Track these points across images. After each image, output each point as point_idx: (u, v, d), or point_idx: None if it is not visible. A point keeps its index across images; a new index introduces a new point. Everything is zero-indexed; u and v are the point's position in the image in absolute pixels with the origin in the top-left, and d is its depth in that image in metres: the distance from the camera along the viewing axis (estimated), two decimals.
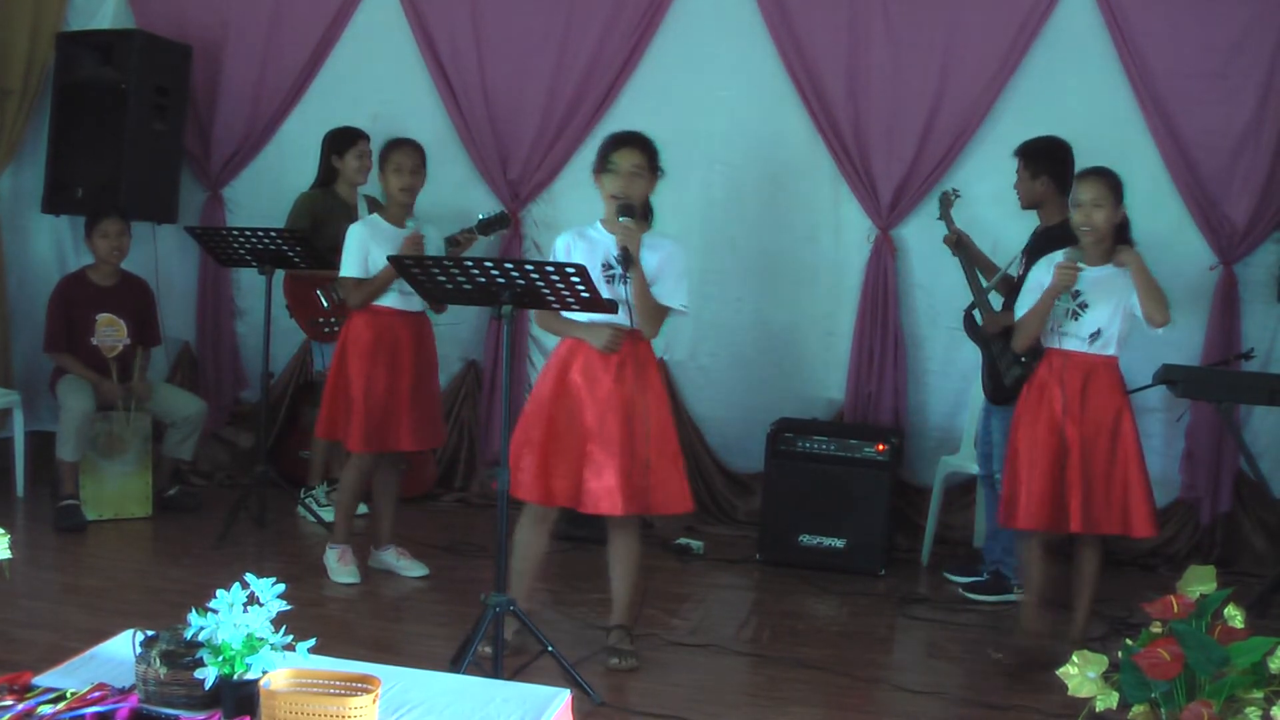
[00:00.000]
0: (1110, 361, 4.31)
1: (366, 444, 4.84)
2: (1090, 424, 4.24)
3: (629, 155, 4.01)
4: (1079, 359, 4.29)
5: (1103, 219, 4.23)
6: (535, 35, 6.20)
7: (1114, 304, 4.25)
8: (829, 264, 6.06)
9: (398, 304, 4.84)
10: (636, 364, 4.06)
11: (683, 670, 4.20)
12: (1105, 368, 4.29)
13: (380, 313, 4.85)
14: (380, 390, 4.82)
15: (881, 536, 5.45)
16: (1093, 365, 4.28)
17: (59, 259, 6.62)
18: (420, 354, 4.94)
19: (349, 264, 4.82)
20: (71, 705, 2.41)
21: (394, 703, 2.51)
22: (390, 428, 4.85)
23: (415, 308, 4.88)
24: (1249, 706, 2.76)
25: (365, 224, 4.93)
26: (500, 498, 3.76)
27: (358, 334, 4.87)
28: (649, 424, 4.03)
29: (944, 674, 4.33)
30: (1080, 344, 4.28)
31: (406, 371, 4.86)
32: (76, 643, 3.00)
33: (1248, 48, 5.53)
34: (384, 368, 4.83)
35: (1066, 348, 4.30)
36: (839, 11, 5.88)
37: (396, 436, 4.88)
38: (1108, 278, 4.26)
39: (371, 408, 4.81)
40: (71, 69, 6.24)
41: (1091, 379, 4.27)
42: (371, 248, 4.78)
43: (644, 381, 4.06)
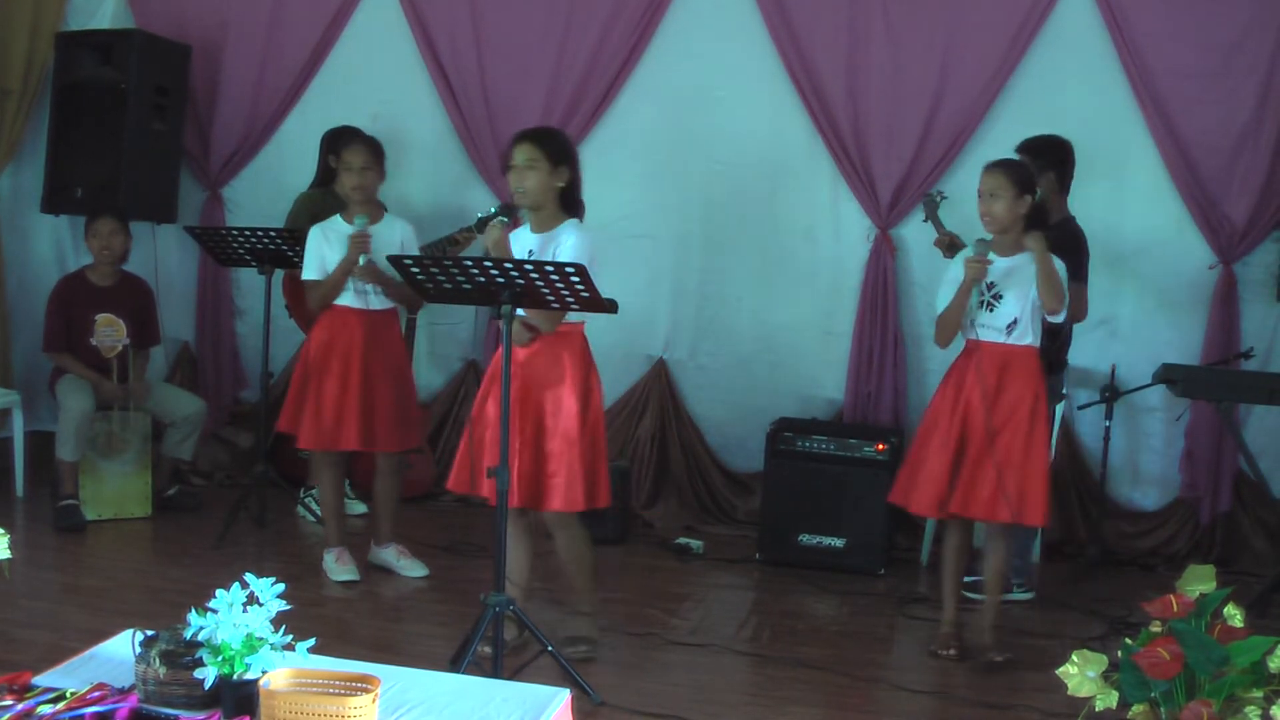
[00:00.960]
0: (1027, 351, 4.29)
1: (313, 442, 4.90)
2: (1003, 413, 4.24)
3: (522, 150, 4.04)
4: (995, 349, 4.29)
5: (1001, 209, 4.23)
6: (535, 35, 6.20)
7: (1026, 293, 4.25)
8: (828, 264, 6.06)
9: (353, 303, 4.87)
10: (551, 357, 4.03)
11: (683, 670, 4.20)
12: (1022, 357, 4.29)
13: (335, 312, 4.88)
14: (331, 389, 4.83)
15: (881, 536, 5.45)
16: (1009, 355, 4.28)
17: (59, 259, 6.62)
18: (377, 354, 4.90)
19: (307, 267, 4.89)
20: (71, 705, 2.41)
21: (393, 703, 2.51)
22: (341, 427, 4.83)
23: (374, 306, 4.89)
24: (1248, 706, 2.77)
25: (322, 226, 4.95)
26: (500, 498, 3.76)
27: (316, 334, 4.93)
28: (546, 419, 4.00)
29: (944, 674, 4.33)
30: (997, 334, 4.29)
31: (356, 371, 4.85)
32: (76, 643, 3.00)
33: (1248, 48, 5.53)
34: (336, 366, 4.84)
35: (983, 338, 4.31)
36: (839, 11, 5.88)
37: (344, 436, 4.85)
38: (1020, 267, 4.26)
39: (321, 406, 4.83)
40: (71, 69, 6.24)
41: (1008, 369, 4.28)
42: (325, 250, 4.84)
43: (555, 374, 4.03)
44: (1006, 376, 4.27)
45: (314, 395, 4.86)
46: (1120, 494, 5.85)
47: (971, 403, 4.28)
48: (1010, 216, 4.24)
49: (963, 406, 4.31)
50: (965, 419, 4.29)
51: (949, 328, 4.38)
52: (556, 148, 4.09)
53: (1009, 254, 4.29)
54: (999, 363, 4.28)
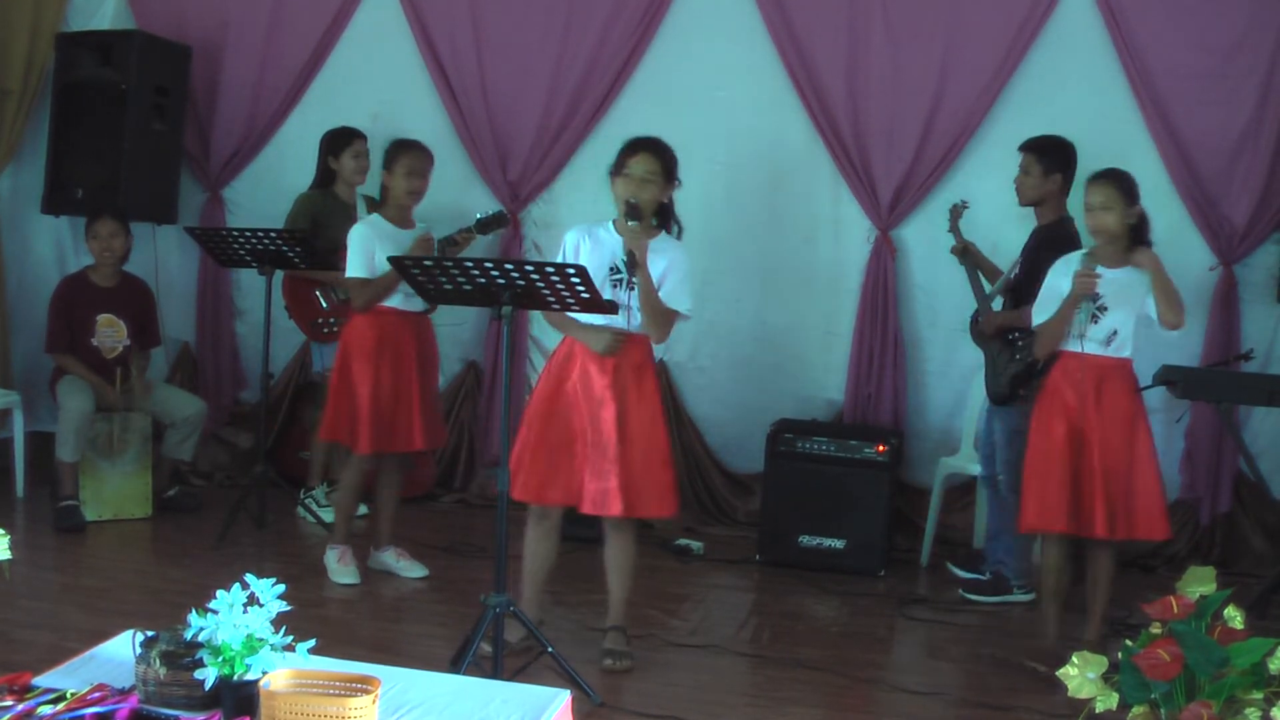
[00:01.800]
0: (1124, 364, 4.29)
1: (373, 445, 4.84)
2: (1107, 426, 4.22)
3: (643, 161, 4.02)
4: (1094, 361, 4.27)
5: (1113, 221, 4.22)
6: (535, 35, 6.20)
7: (1131, 306, 4.24)
8: (828, 265, 6.06)
9: (401, 305, 4.83)
10: (633, 367, 4.07)
11: (683, 670, 4.20)
12: (1119, 370, 4.28)
13: (384, 313, 4.84)
14: (386, 392, 4.81)
15: (881, 537, 5.45)
16: (1108, 367, 4.27)
17: (59, 259, 6.62)
18: (423, 354, 4.94)
19: (355, 264, 4.79)
20: (71, 706, 2.41)
21: (394, 703, 2.51)
22: (398, 428, 4.84)
23: (417, 308, 4.88)
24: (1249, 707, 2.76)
25: (368, 224, 4.91)
26: (500, 498, 3.76)
27: (361, 335, 4.85)
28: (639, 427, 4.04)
29: (943, 674, 4.33)
30: (1097, 346, 4.27)
31: (412, 372, 4.86)
32: (76, 643, 3.00)
33: (1248, 48, 5.53)
34: (389, 369, 4.82)
35: (1083, 350, 4.28)
36: (839, 12, 5.88)
37: (405, 437, 4.87)
38: (1125, 280, 4.25)
39: (379, 410, 4.80)
40: (71, 69, 6.24)
41: (1107, 381, 4.26)
42: (375, 248, 4.76)
43: (638, 385, 4.07)
44: (1106, 388, 4.25)
45: (371, 398, 4.79)
46: None
47: (1083, 420, 4.24)
48: (1120, 228, 4.23)
49: (1073, 423, 4.25)
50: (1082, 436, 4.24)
51: (1054, 339, 4.32)
52: (672, 164, 4.09)
53: (1114, 266, 4.26)
54: (1098, 374, 4.26)
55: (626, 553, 4.20)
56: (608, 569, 4.24)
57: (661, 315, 4.04)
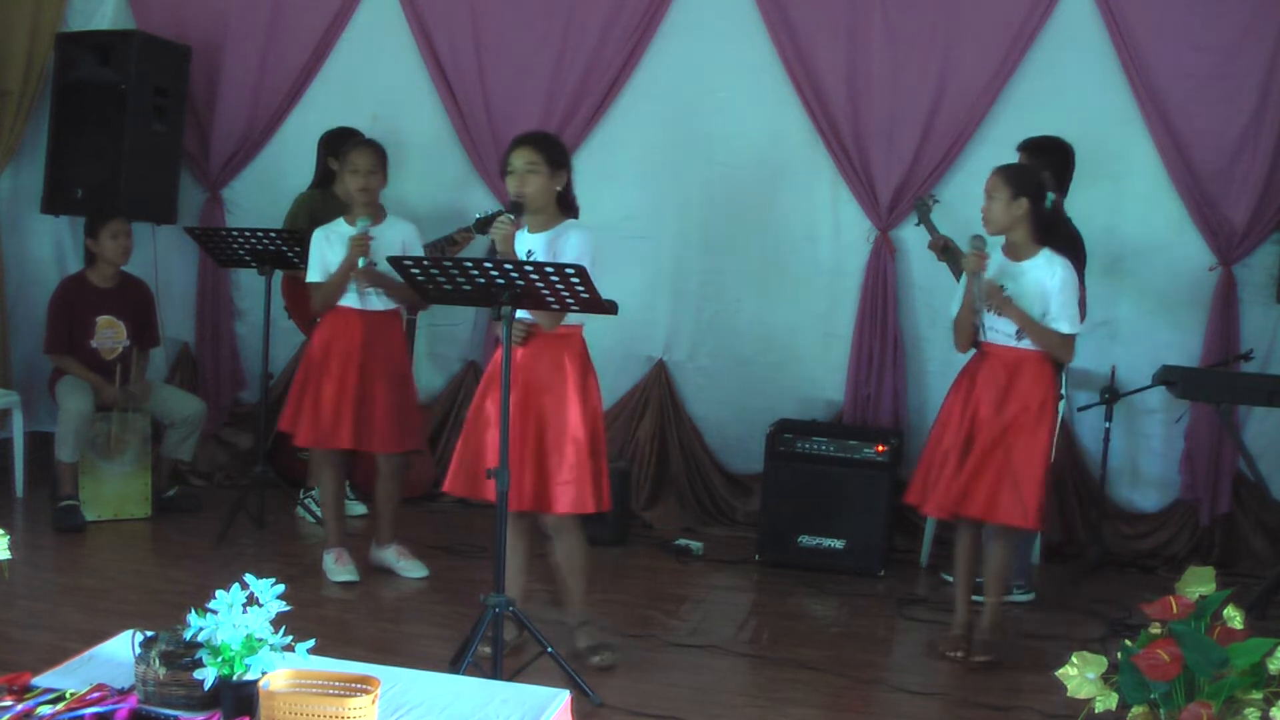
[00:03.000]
0: (1037, 355, 4.28)
1: (309, 439, 4.93)
2: (1009, 416, 4.24)
3: (521, 154, 4.06)
4: (1004, 353, 4.29)
5: (996, 210, 4.23)
6: (535, 35, 6.20)
7: (1034, 302, 4.23)
8: (828, 265, 6.06)
9: (354, 304, 4.88)
10: (551, 358, 4.04)
11: (682, 671, 4.20)
12: (1032, 361, 4.27)
13: (337, 312, 4.90)
14: (329, 388, 4.84)
15: (881, 537, 5.45)
16: (1019, 359, 4.28)
17: (58, 260, 6.62)
18: (376, 355, 4.90)
19: (311, 270, 4.91)
20: (71, 706, 2.41)
21: (393, 703, 2.51)
22: (337, 426, 4.84)
23: (373, 307, 4.90)
24: (1248, 708, 2.77)
25: (324, 228, 4.96)
26: (500, 498, 3.76)
27: (316, 333, 4.97)
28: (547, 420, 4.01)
29: (943, 674, 4.33)
30: (1006, 338, 4.29)
31: (354, 371, 4.86)
32: (75, 643, 3.00)
33: (1248, 48, 5.53)
34: (335, 366, 4.85)
35: (994, 341, 4.32)
36: (838, 12, 5.88)
37: (339, 434, 4.87)
38: (1026, 272, 4.25)
39: (319, 405, 4.85)
40: (71, 69, 6.23)
41: (1018, 372, 4.27)
42: (327, 251, 4.85)
43: (556, 375, 4.04)
44: (1016, 380, 4.27)
45: (312, 394, 4.87)
46: (1120, 495, 5.85)
47: (980, 405, 4.29)
48: (1005, 218, 4.24)
49: (971, 408, 4.31)
50: (973, 421, 4.29)
51: (962, 330, 4.38)
52: (555, 152, 4.12)
53: (1018, 259, 4.28)
54: (1009, 366, 4.28)
55: (570, 551, 4.17)
56: (558, 570, 4.22)
57: None
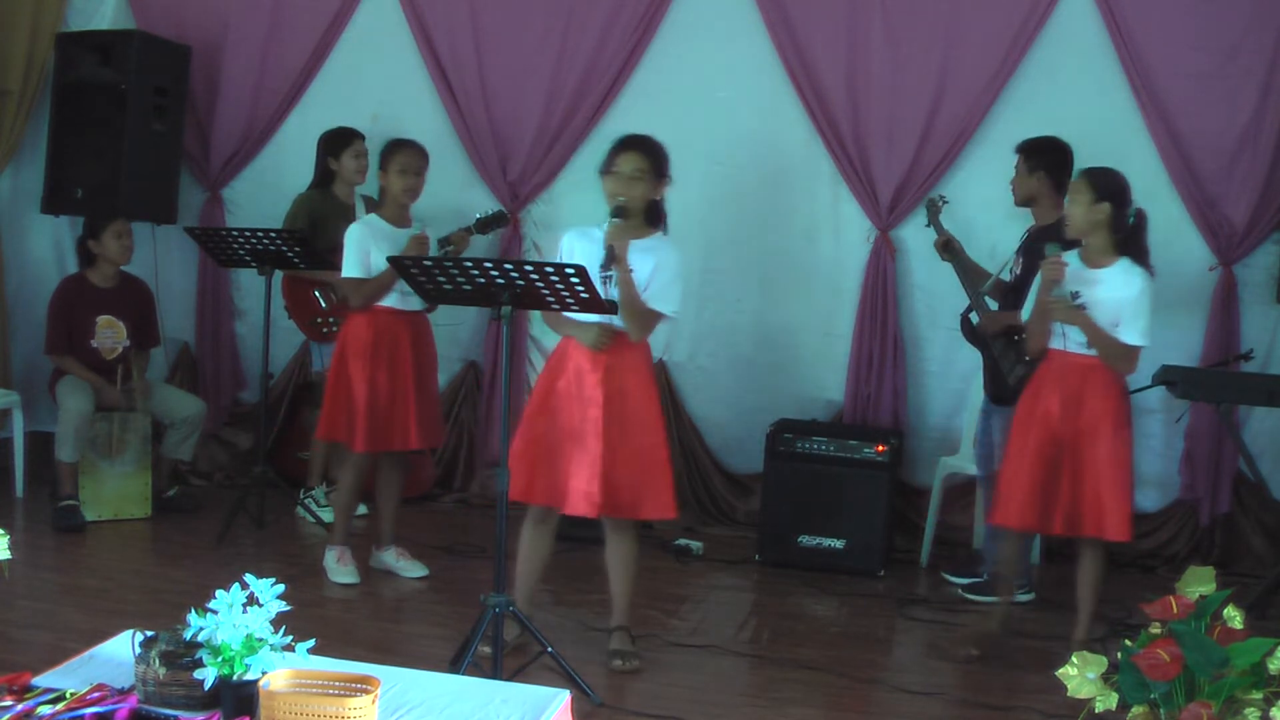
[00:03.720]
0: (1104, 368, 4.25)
1: (370, 444, 4.84)
2: (1084, 425, 4.22)
3: (630, 159, 4.01)
4: (1076, 360, 4.26)
5: (1078, 214, 4.20)
6: (535, 35, 6.20)
7: (1110, 310, 4.20)
8: (828, 265, 6.06)
9: (398, 304, 4.83)
10: (626, 365, 4.05)
11: (682, 671, 4.20)
12: (1103, 370, 4.25)
13: (380, 312, 4.85)
14: (383, 390, 4.81)
15: (881, 537, 5.45)
16: (1090, 367, 4.24)
17: (58, 259, 6.62)
18: (420, 353, 4.94)
19: (351, 264, 4.80)
20: (71, 706, 2.41)
21: (393, 703, 2.51)
22: (394, 427, 4.84)
23: (414, 307, 4.88)
24: (1248, 707, 2.77)
25: (364, 224, 4.92)
26: (500, 498, 3.76)
27: (356, 334, 4.85)
28: (633, 426, 4.03)
29: (943, 674, 4.33)
30: (1078, 346, 4.25)
31: (408, 370, 4.86)
32: (75, 643, 3.00)
33: (1247, 48, 5.54)
34: (385, 367, 4.82)
35: (1065, 348, 4.28)
36: (838, 12, 5.88)
37: (401, 436, 4.87)
38: (1105, 279, 4.22)
39: (375, 408, 4.80)
40: (71, 69, 6.24)
41: (1088, 380, 4.24)
42: (372, 248, 4.77)
43: (632, 383, 4.05)
44: (1087, 388, 4.23)
45: (368, 396, 4.79)
46: None
47: (1052, 414, 4.24)
48: (1085, 222, 4.19)
49: (1043, 418, 4.26)
50: (1048, 431, 4.24)
51: (1034, 337, 4.33)
52: (662, 162, 4.07)
53: (1095, 265, 4.23)
54: (1079, 374, 4.24)
55: (625, 553, 4.20)
56: (609, 570, 4.24)
57: (640, 313, 4.01)
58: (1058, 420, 4.24)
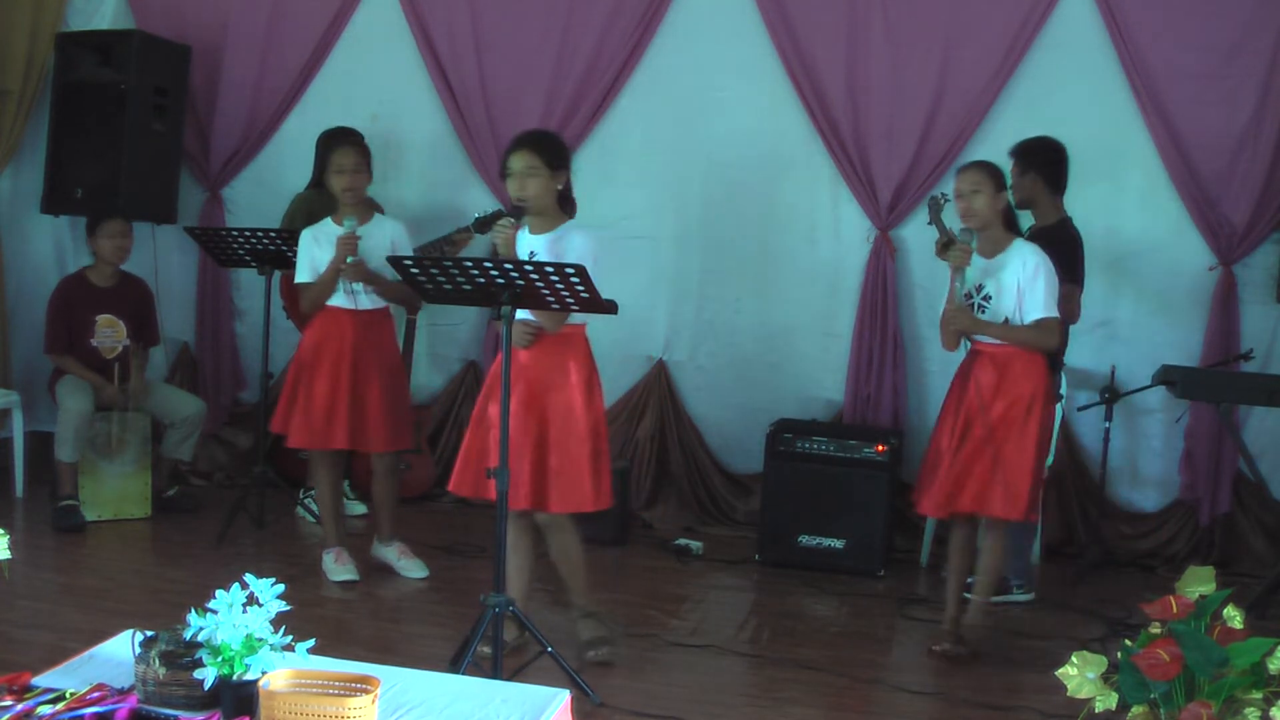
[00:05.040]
0: (1025, 353, 4.29)
1: (303, 440, 4.91)
2: (1000, 412, 4.25)
3: (520, 158, 4.05)
4: (995, 351, 4.31)
5: (983, 204, 4.26)
6: (535, 35, 6.20)
7: (1012, 293, 4.25)
8: (828, 265, 6.06)
9: (344, 303, 4.87)
10: (555, 358, 4.05)
11: (682, 670, 4.20)
12: (1022, 357, 4.29)
13: (327, 312, 4.89)
14: (320, 388, 4.83)
15: (881, 537, 5.45)
16: (1008, 356, 4.30)
17: (58, 259, 6.62)
18: (368, 354, 4.90)
19: (300, 270, 4.91)
20: (71, 705, 2.41)
21: (393, 703, 2.51)
22: (334, 426, 4.84)
23: (363, 306, 4.89)
24: (1248, 707, 2.76)
25: (312, 229, 4.96)
26: (500, 498, 3.76)
27: (307, 334, 4.96)
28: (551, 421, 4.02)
29: (943, 674, 4.33)
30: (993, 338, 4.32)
31: (346, 371, 4.85)
32: (75, 643, 3.00)
33: (1247, 48, 5.53)
34: (326, 366, 4.85)
35: (981, 339, 4.34)
36: (838, 12, 5.88)
37: (343, 435, 4.86)
38: (1003, 266, 4.28)
39: (311, 405, 4.84)
40: (71, 69, 6.24)
41: (1008, 368, 4.29)
42: (316, 251, 4.85)
43: (559, 377, 4.05)
44: (1007, 376, 4.28)
45: (304, 394, 4.86)
46: (1120, 495, 5.85)
47: (972, 403, 4.30)
48: (991, 212, 4.28)
49: (965, 407, 4.32)
50: (967, 419, 4.31)
51: (948, 330, 4.40)
52: (554, 153, 4.11)
53: (992, 254, 4.31)
54: (999, 363, 4.29)
55: (563, 545, 4.18)
56: (556, 566, 4.24)
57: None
58: (977, 409, 4.27)
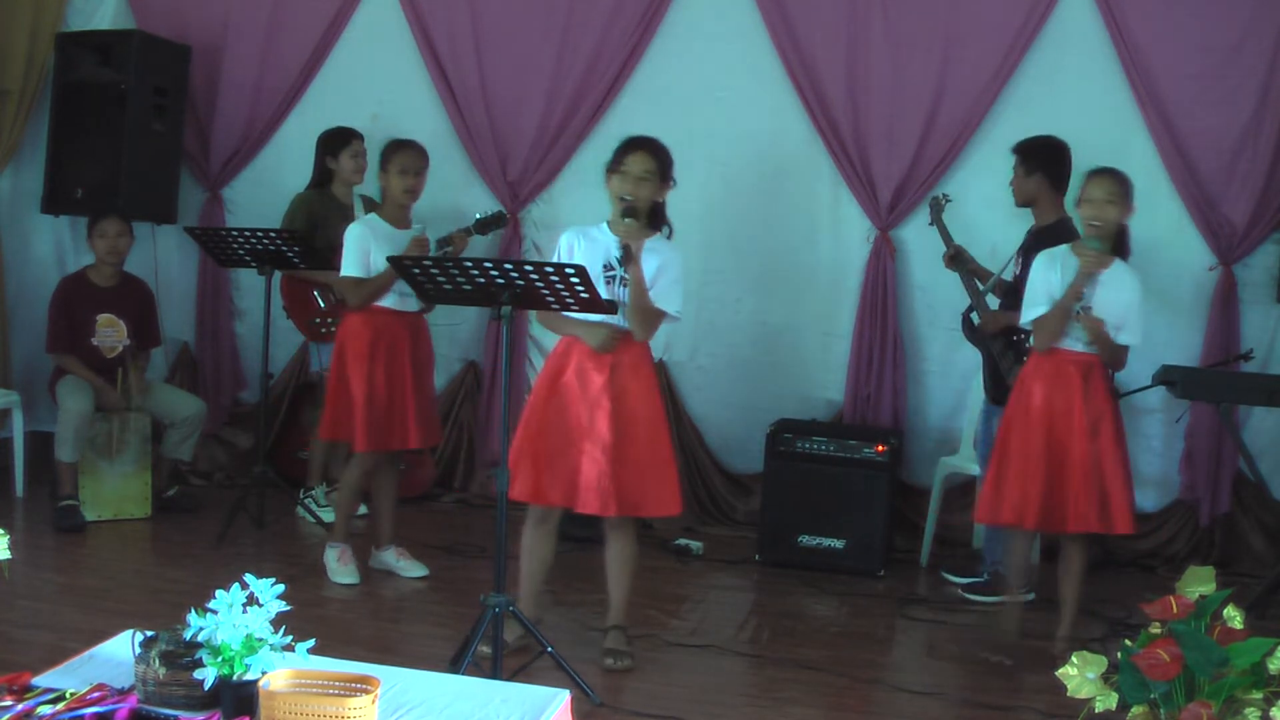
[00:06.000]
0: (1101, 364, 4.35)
1: (372, 443, 4.84)
2: (1086, 421, 4.27)
3: (640, 160, 4.04)
4: (1076, 358, 4.32)
5: (1115, 215, 4.27)
6: (535, 35, 6.20)
7: (1114, 311, 4.28)
8: (828, 265, 6.06)
9: (396, 305, 4.85)
10: (630, 365, 4.07)
11: (682, 671, 4.20)
12: (1100, 366, 4.35)
13: (378, 312, 4.85)
14: (381, 389, 4.82)
15: (881, 537, 5.45)
16: (1090, 364, 4.32)
17: (58, 259, 6.62)
18: (417, 353, 4.95)
19: (350, 264, 4.81)
20: (71, 706, 2.41)
21: (393, 703, 2.51)
22: (394, 426, 4.86)
23: (412, 308, 4.89)
24: (1248, 707, 2.76)
25: (364, 224, 4.92)
26: (500, 498, 3.76)
27: (355, 334, 4.86)
28: (638, 425, 4.05)
29: (943, 674, 4.33)
30: (1078, 343, 4.32)
31: (406, 370, 4.87)
32: (75, 643, 3.00)
33: (1247, 48, 5.53)
34: (383, 367, 4.84)
35: (1066, 346, 4.33)
36: (839, 12, 5.88)
37: (401, 435, 4.88)
38: (1106, 282, 4.29)
39: (374, 407, 4.81)
40: (71, 69, 6.24)
41: (1089, 378, 4.31)
42: (372, 248, 4.78)
43: (636, 383, 4.07)
44: (1090, 385, 4.30)
45: (367, 396, 4.80)
46: None
47: (1052, 410, 4.28)
48: (1116, 225, 4.30)
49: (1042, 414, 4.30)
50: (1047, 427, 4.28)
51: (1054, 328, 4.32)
52: (668, 165, 4.12)
53: None
54: (1081, 371, 4.30)
55: (626, 552, 4.21)
56: (608, 569, 4.25)
57: (649, 313, 4.06)
58: (1058, 417, 4.27)
